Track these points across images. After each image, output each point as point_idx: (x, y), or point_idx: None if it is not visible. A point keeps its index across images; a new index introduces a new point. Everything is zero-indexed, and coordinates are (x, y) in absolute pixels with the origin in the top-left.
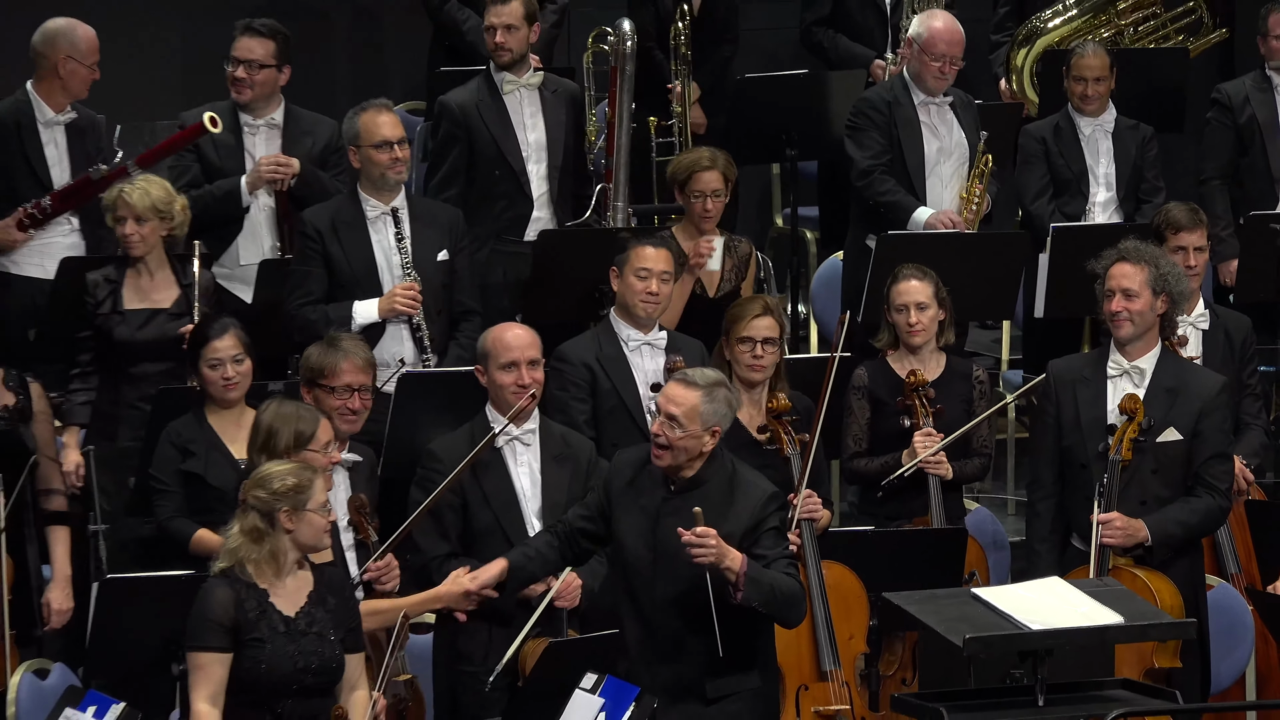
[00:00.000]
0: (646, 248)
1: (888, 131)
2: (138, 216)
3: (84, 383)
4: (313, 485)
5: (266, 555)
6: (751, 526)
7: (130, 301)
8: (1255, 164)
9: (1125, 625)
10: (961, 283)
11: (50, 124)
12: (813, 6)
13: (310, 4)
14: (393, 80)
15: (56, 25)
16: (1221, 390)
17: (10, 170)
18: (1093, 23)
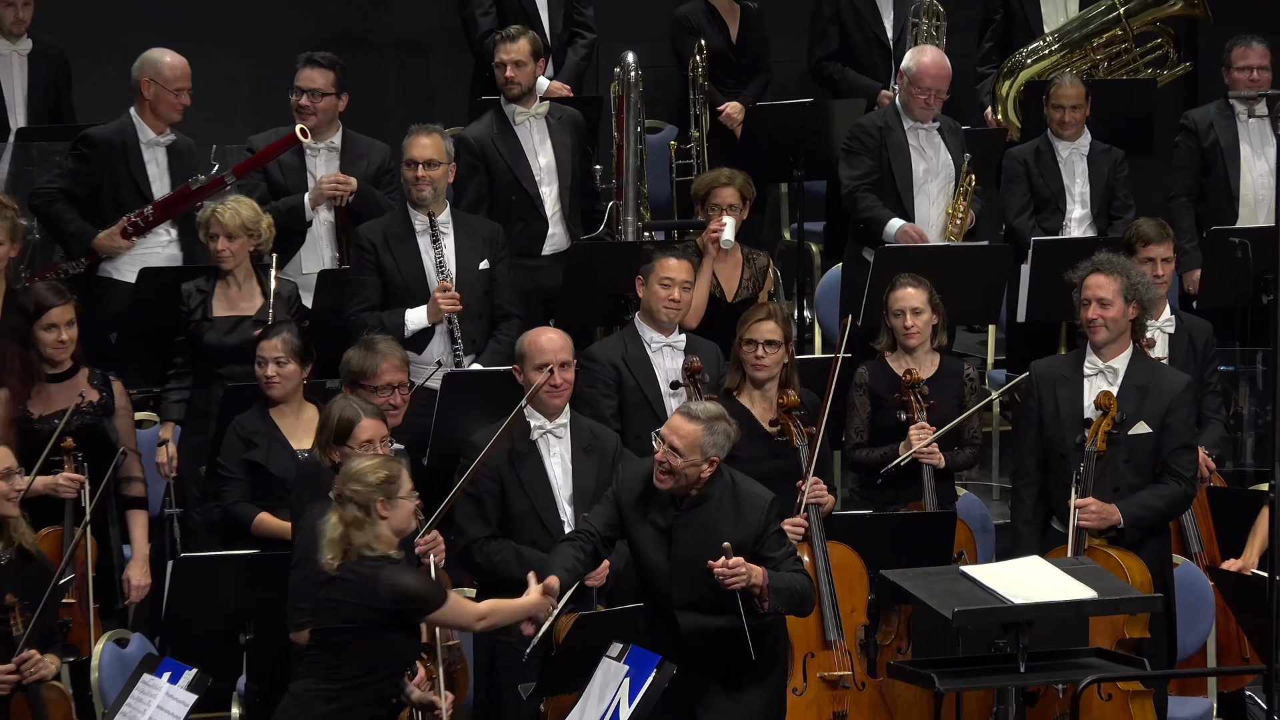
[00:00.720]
0: (670, 259)
1: (878, 154)
2: (229, 234)
3: (179, 382)
4: (401, 475)
5: (375, 538)
6: (759, 533)
7: (219, 309)
8: (1218, 183)
9: (1099, 599)
10: (951, 290)
11: (151, 144)
12: (821, 43)
13: (364, 38)
14: (438, 107)
15: (147, 54)
16: (1186, 388)
17: (116, 185)
18: (1070, 57)
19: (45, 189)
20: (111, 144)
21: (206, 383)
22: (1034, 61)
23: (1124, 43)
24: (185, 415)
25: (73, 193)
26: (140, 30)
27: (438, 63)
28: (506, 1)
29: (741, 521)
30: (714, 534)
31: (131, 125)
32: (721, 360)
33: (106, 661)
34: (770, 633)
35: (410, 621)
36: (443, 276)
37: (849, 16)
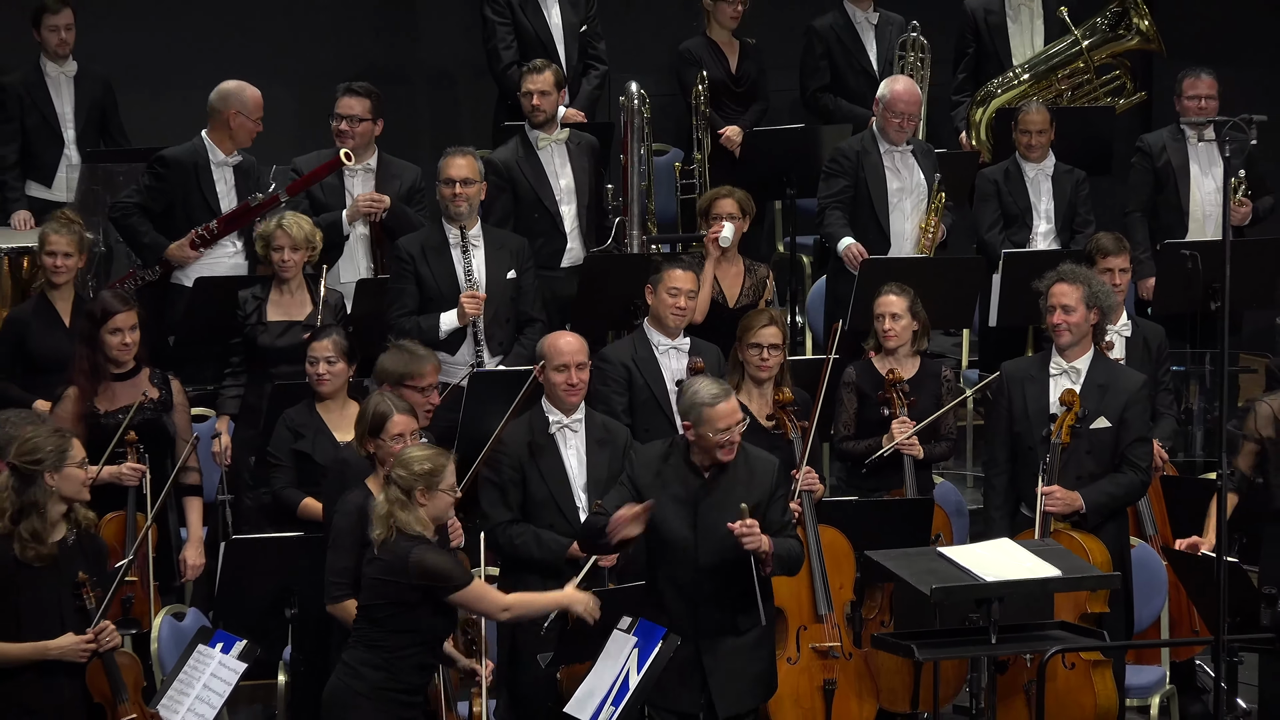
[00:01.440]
0: (676, 270)
1: (854, 175)
2: (294, 245)
3: (234, 380)
4: (444, 470)
5: (414, 519)
6: (770, 492)
7: (272, 314)
8: (1169, 200)
9: (1063, 577)
10: (928, 298)
11: (221, 165)
12: (815, 75)
13: (398, 70)
14: (464, 132)
15: (229, 86)
16: (1142, 386)
17: (189, 202)
18: (1036, 86)
19: (123, 203)
20: (185, 164)
21: (259, 381)
22: (1004, 91)
23: (1085, 74)
24: (239, 410)
25: (148, 207)
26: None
27: (464, 92)
28: (527, 36)
29: (756, 483)
30: (734, 498)
31: (203, 147)
32: (722, 361)
33: (165, 634)
34: (769, 599)
35: (437, 599)
36: (472, 285)
37: (838, 51)
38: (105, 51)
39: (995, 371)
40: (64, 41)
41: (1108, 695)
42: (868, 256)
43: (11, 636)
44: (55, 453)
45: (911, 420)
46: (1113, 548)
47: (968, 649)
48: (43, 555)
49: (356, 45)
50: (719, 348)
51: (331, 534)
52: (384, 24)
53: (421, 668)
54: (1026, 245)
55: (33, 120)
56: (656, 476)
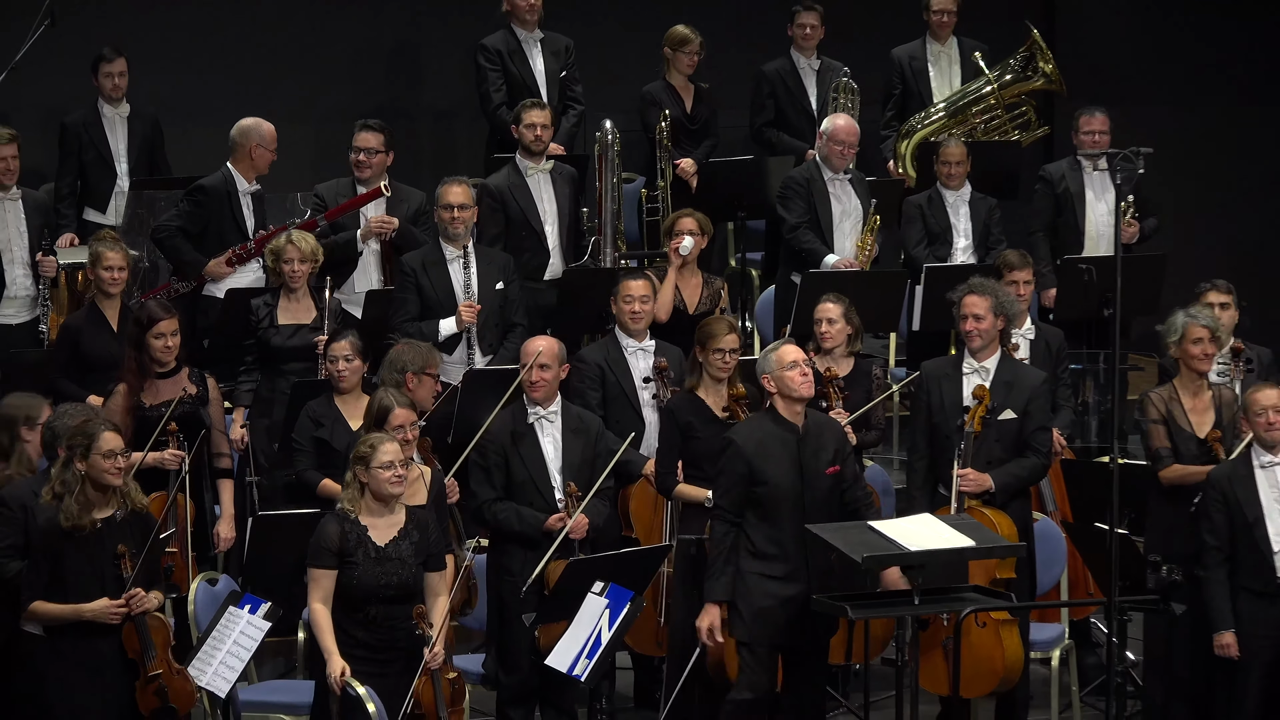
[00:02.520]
0: (630, 281)
1: (807, 199)
2: (302, 258)
3: (248, 376)
4: (377, 450)
5: (362, 500)
6: (845, 444)
7: (282, 319)
8: (1068, 222)
9: (976, 547)
10: (861, 305)
11: (245, 193)
12: (761, 113)
13: (402, 108)
14: (460, 163)
15: (249, 122)
16: (1043, 383)
17: (221, 225)
18: (953, 122)
19: (166, 226)
20: (219, 192)
21: (271, 376)
22: (925, 126)
23: (996, 110)
24: (253, 401)
25: (187, 230)
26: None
27: (460, 128)
28: (514, 81)
29: (834, 435)
30: (824, 447)
31: (231, 176)
32: (683, 360)
33: (200, 597)
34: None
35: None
36: (468, 296)
37: (782, 92)
38: (152, 91)
39: (918, 370)
40: (118, 86)
41: (1015, 650)
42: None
43: (57, 598)
44: (83, 442)
45: (846, 411)
46: (1018, 522)
47: (894, 609)
48: (80, 528)
49: (367, 87)
50: (680, 349)
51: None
52: (391, 69)
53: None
54: (948, 260)
55: (90, 156)
56: (759, 445)
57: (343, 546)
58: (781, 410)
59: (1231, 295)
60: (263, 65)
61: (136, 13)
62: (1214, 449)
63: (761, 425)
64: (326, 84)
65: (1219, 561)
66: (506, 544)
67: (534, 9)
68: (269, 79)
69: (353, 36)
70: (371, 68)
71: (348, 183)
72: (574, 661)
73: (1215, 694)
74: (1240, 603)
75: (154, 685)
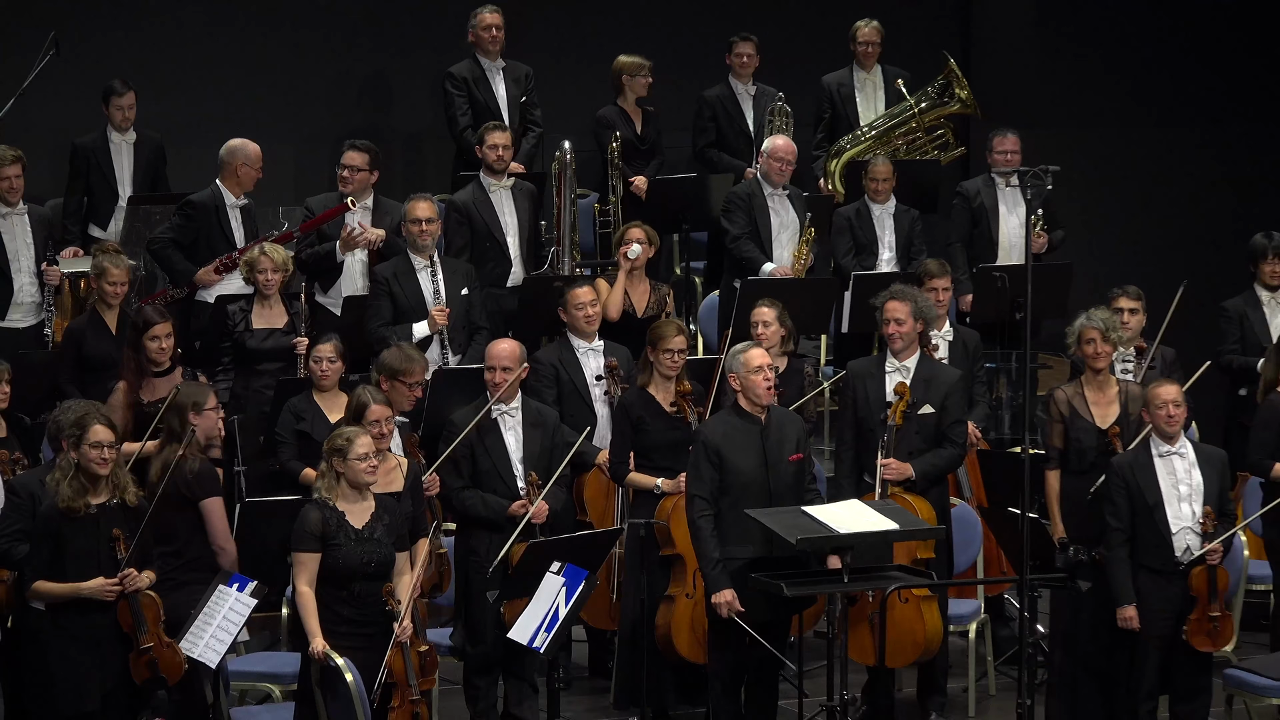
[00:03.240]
0: (577, 290)
1: (748, 213)
2: (275, 268)
3: (225, 376)
4: (353, 443)
5: (339, 488)
6: (803, 435)
7: (257, 323)
8: (983, 234)
9: (899, 530)
10: (794, 310)
11: (232, 207)
12: (703, 134)
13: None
14: (429, 180)
15: (235, 143)
16: (959, 380)
17: (211, 236)
18: (879, 143)
19: (159, 238)
20: (207, 207)
21: (245, 375)
22: (853, 146)
23: (918, 133)
24: (229, 398)
25: (179, 241)
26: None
27: (428, 148)
28: (479, 106)
29: (796, 430)
30: (786, 437)
31: (220, 192)
32: (631, 360)
33: None
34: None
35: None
36: (438, 302)
37: (722, 116)
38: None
39: (845, 369)
40: (126, 118)
41: (935, 623)
42: (747, 278)
43: (57, 577)
44: (76, 433)
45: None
46: (937, 507)
47: (826, 586)
48: (75, 510)
49: (344, 111)
50: (628, 349)
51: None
52: (365, 95)
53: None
54: (873, 269)
55: (95, 178)
56: (725, 436)
57: (325, 531)
58: (745, 406)
59: (1140, 301)
60: (251, 91)
61: (138, 43)
62: (1112, 441)
63: (727, 420)
64: (308, 108)
65: (1121, 542)
66: (473, 528)
67: (496, 40)
68: (257, 103)
69: (331, 66)
70: (348, 94)
71: (334, 196)
72: (534, 634)
73: (1116, 663)
74: (1140, 580)
75: (146, 657)
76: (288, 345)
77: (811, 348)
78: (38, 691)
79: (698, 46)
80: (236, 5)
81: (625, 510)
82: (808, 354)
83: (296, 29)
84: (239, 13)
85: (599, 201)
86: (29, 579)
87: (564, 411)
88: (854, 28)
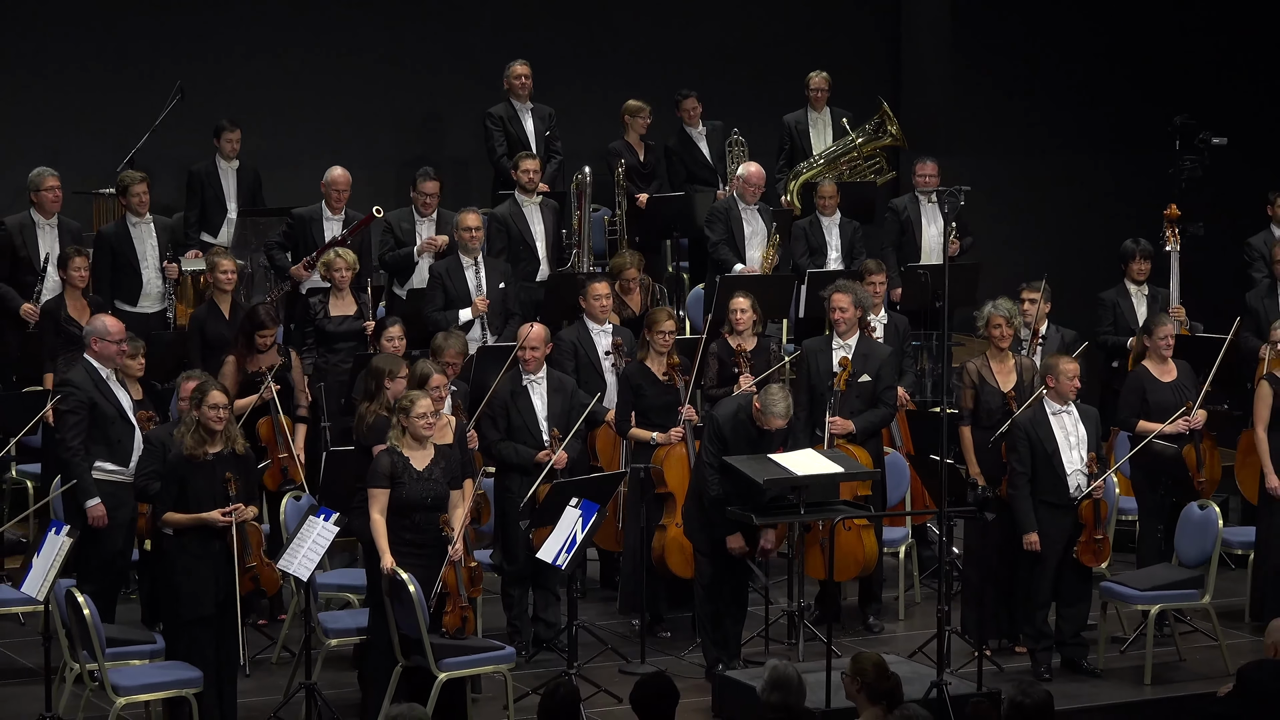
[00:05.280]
0: (597, 285)
1: (725, 223)
2: (348, 267)
3: (309, 354)
4: (415, 404)
5: (404, 438)
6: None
7: (333, 310)
8: (909, 240)
9: (845, 473)
10: (762, 299)
11: (329, 220)
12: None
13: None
14: (473, 197)
15: (330, 169)
16: (891, 355)
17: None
18: (828, 169)
19: (271, 243)
20: (304, 219)
21: (325, 353)
22: (807, 172)
23: (858, 160)
24: (312, 371)
25: (285, 245)
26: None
27: (473, 172)
28: (512, 138)
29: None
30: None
31: (320, 208)
32: (634, 342)
33: (289, 508)
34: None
35: (379, 486)
36: (480, 293)
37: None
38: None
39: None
40: (234, 149)
41: (871, 546)
42: (724, 275)
43: (182, 510)
44: (198, 396)
45: (752, 376)
46: (874, 454)
47: (785, 517)
48: (195, 457)
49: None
50: (631, 332)
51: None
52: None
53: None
54: (823, 267)
55: (209, 196)
56: (733, 430)
57: (393, 471)
58: (756, 419)
59: (1040, 293)
60: (332, 124)
61: (241, 88)
62: (1009, 403)
63: (738, 400)
64: (376, 134)
65: (1024, 482)
66: (508, 472)
67: (525, 86)
68: (335, 134)
69: (396, 103)
70: (408, 127)
71: (407, 211)
72: (557, 555)
73: (1016, 578)
74: (1039, 512)
75: (250, 574)
76: (359, 328)
77: (776, 330)
78: (168, 599)
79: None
80: (320, 55)
81: (628, 458)
82: (773, 335)
83: (368, 76)
84: (322, 60)
85: (608, 215)
86: (160, 511)
87: (580, 380)
88: (808, 77)
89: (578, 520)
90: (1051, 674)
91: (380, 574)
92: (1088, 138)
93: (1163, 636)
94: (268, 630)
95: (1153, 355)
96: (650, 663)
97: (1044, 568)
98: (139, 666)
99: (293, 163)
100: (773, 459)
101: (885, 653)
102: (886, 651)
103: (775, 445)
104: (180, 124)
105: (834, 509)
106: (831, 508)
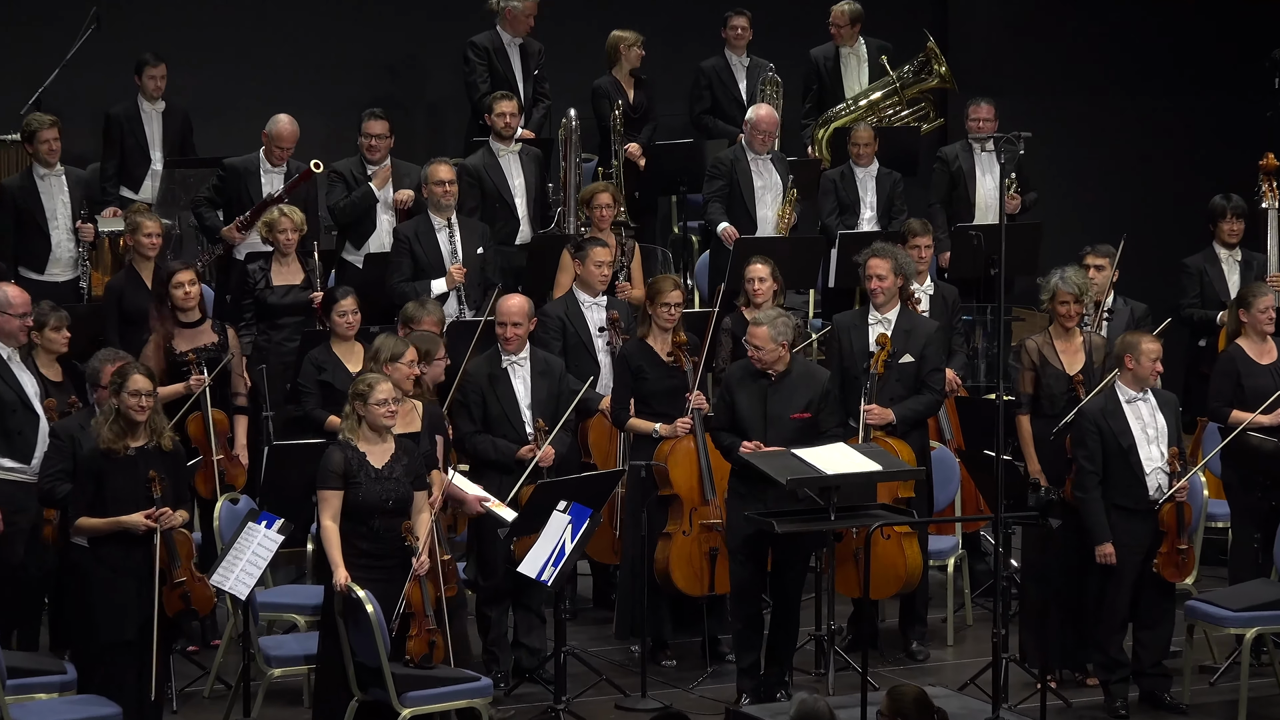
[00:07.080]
0: (598, 248)
1: (729, 177)
2: (294, 228)
3: (248, 330)
4: (374, 389)
5: (360, 430)
6: (822, 395)
7: (276, 279)
8: (961, 196)
9: (883, 471)
10: (784, 266)
11: (269, 172)
12: (700, 102)
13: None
14: (447, 144)
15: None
16: (938, 331)
17: (242, 197)
18: (865, 113)
19: (199, 198)
20: (238, 171)
21: (267, 329)
22: (840, 119)
23: (900, 105)
24: (251, 350)
25: (215, 201)
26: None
27: (445, 115)
28: (496, 76)
29: (811, 385)
30: (795, 395)
31: (257, 157)
32: (633, 314)
33: (224, 514)
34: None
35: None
36: (455, 260)
37: (717, 85)
38: (183, 85)
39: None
40: (158, 88)
41: (915, 558)
42: (739, 236)
43: (98, 515)
44: (118, 381)
45: None
46: (917, 449)
47: (814, 523)
48: (115, 452)
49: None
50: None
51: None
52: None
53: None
54: (855, 228)
55: (129, 144)
56: (740, 382)
57: (347, 470)
58: (762, 365)
59: (1108, 259)
60: (281, 63)
61: (172, 19)
62: (1076, 388)
63: (746, 368)
64: (335, 77)
65: (1095, 484)
66: (485, 470)
67: (527, 22)
68: (285, 73)
69: (357, 41)
70: (372, 67)
71: (357, 161)
72: (542, 568)
73: (1085, 596)
74: (1113, 518)
75: (179, 590)
76: (305, 300)
77: (800, 302)
78: (80, 621)
79: (694, 20)
80: None
81: (627, 453)
82: (796, 308)
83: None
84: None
85: (601, 165)
86: (71, 517)
87: (568, 361)
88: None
89: (567, 527)
90: (1128, 709)
91: (333, 591)
92: (1168, 76)
93: (1260, 665)
94: (199, 658)
95: (1249, 332)
96: (652, 696)
97: (1118, 584)
98: (46, 701)
99: (230, 106)
100: (797, 455)
101: (929, 684)
102: (931, 683)
103: (783, 395)
104: (96, 59)
105: (870, 514)
106: (868, 513)
